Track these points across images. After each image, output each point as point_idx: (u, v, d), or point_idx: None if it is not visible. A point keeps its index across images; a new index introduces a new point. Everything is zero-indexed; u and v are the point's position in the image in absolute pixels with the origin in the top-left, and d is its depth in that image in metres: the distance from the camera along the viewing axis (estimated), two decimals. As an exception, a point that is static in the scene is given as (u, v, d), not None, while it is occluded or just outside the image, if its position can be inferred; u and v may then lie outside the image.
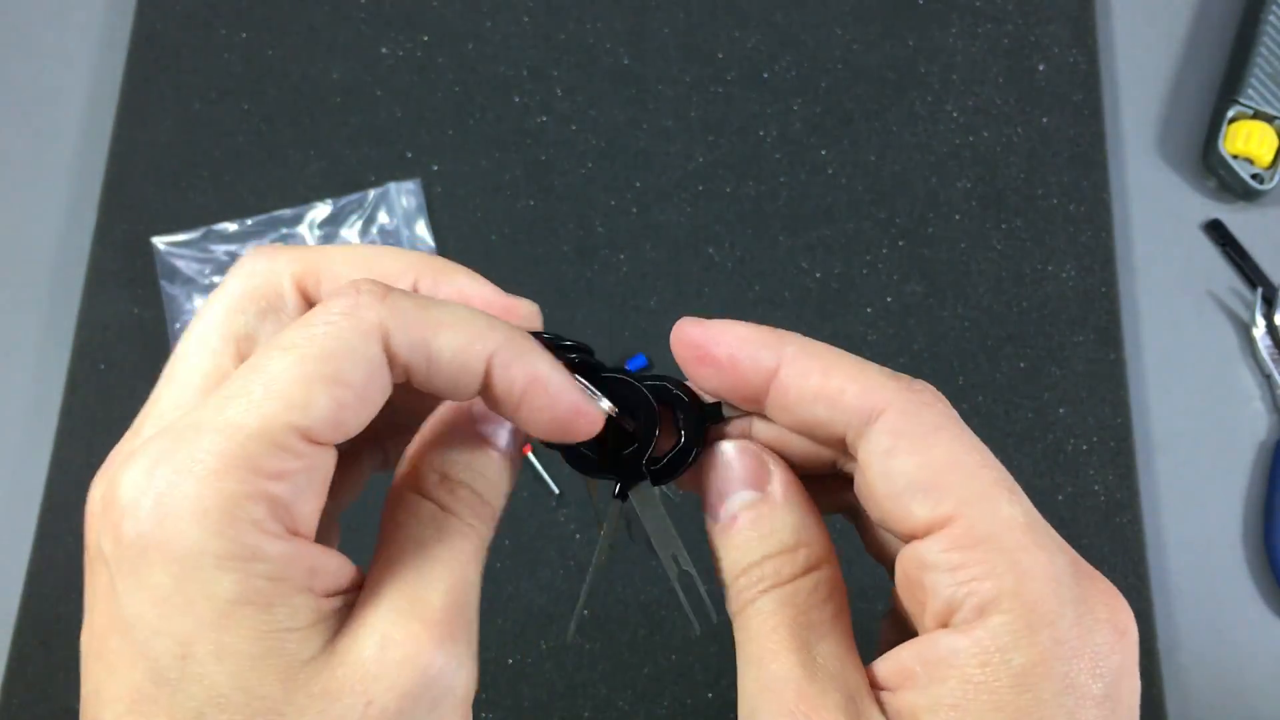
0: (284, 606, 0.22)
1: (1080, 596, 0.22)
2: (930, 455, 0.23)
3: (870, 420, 0.24)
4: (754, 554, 0.25)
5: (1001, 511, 0.23)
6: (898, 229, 0.63)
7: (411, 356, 0.23)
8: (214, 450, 0.22)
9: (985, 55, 0.67)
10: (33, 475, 0.59)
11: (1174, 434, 0.61)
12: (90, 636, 0.23)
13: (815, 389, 0.25)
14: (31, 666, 0.55)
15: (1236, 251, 0.63)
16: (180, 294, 0.61)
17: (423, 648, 0.23)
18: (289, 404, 0.22)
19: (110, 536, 0.22)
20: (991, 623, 0.22)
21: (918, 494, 0.23)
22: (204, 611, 0.22)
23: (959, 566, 0.22)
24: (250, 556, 0.22)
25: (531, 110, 0.65)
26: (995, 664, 0.22)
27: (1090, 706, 0.22)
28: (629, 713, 0.54)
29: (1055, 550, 0.23)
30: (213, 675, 0.22)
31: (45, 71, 0.68)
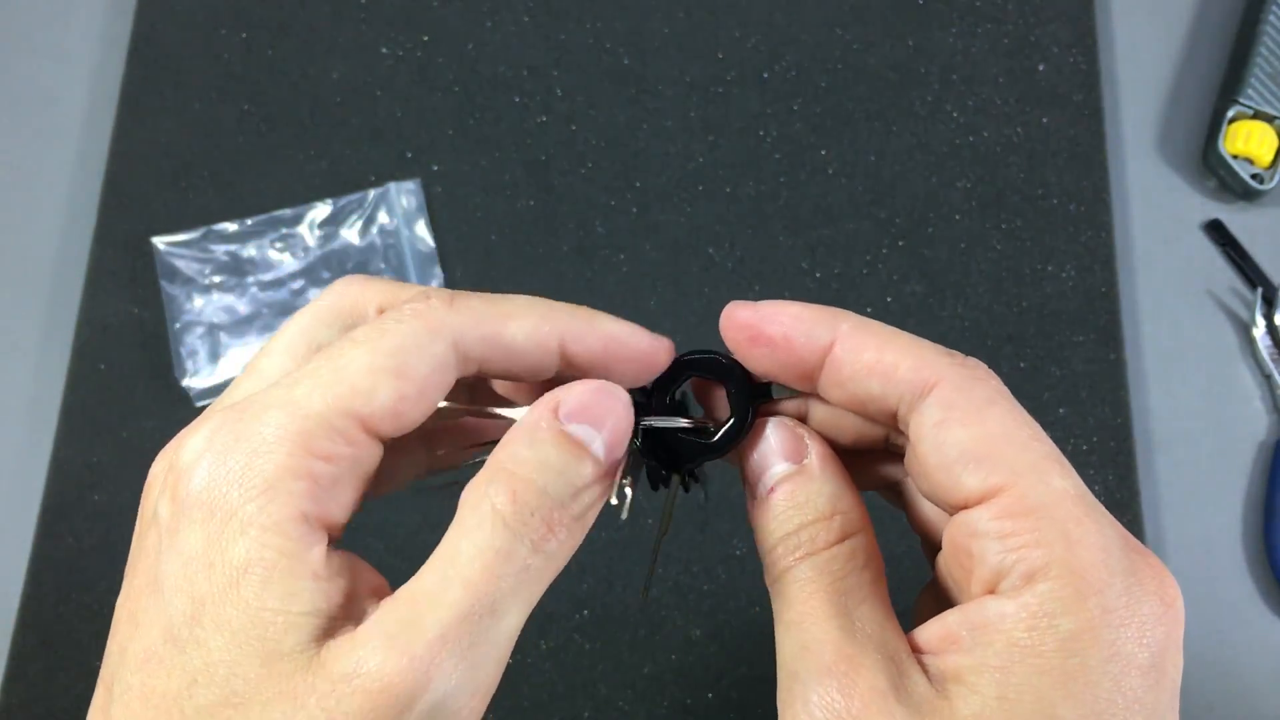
0: (281, 585, 0.22)
1: (1129, 568, 0.23)
2: (983, 427, 0.24)
3: (923, 394, 0.24)
4: (790, 523, 0.26)
5: (1054, 483, 0.23)
6: (898, 229, 0.63)
7: (484, 349, 0.25)
8: (273, 423, 0.23)
9: (985, 55, 0.67)
10: (33, 475, 0.59)
11: (1174, 434, 0.61)
12: (125, 598, 0.24)
13: (870, 364, 0.25)
14: (31, 666, 0.55)
15: (1236, 251, 0.63)
16: (180, 294, 0.61)
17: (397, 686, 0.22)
18: (354, 390, 0.23)
19: (168, 498, 0.23)
20: (1039, 588, 0.22)
21: (969, 464, 0.24)
22: (218, 575, 0.22)
23: (1009, 534, 0.23)
24: (269, 527, 0.22)
25: (531, 110, 0.65)
26: (1042, 628, 0.22)
27: (1135, 674, 0.22)
28: (629, 713, 0.54)
29: (1105, 523, 0.23)
30: (210, 641, 0.22)
31: (45, 71, 0.68)
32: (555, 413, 0.25)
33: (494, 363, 0.25)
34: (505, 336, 0.25)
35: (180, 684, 0.22)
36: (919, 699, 0.23)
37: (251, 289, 0.61)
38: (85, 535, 0.57)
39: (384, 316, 0.25)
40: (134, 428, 0.59)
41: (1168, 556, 0.58)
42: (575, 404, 0.25)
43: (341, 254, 0.62)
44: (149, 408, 0.59)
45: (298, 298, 0.61)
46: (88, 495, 0.58)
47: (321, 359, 0.24)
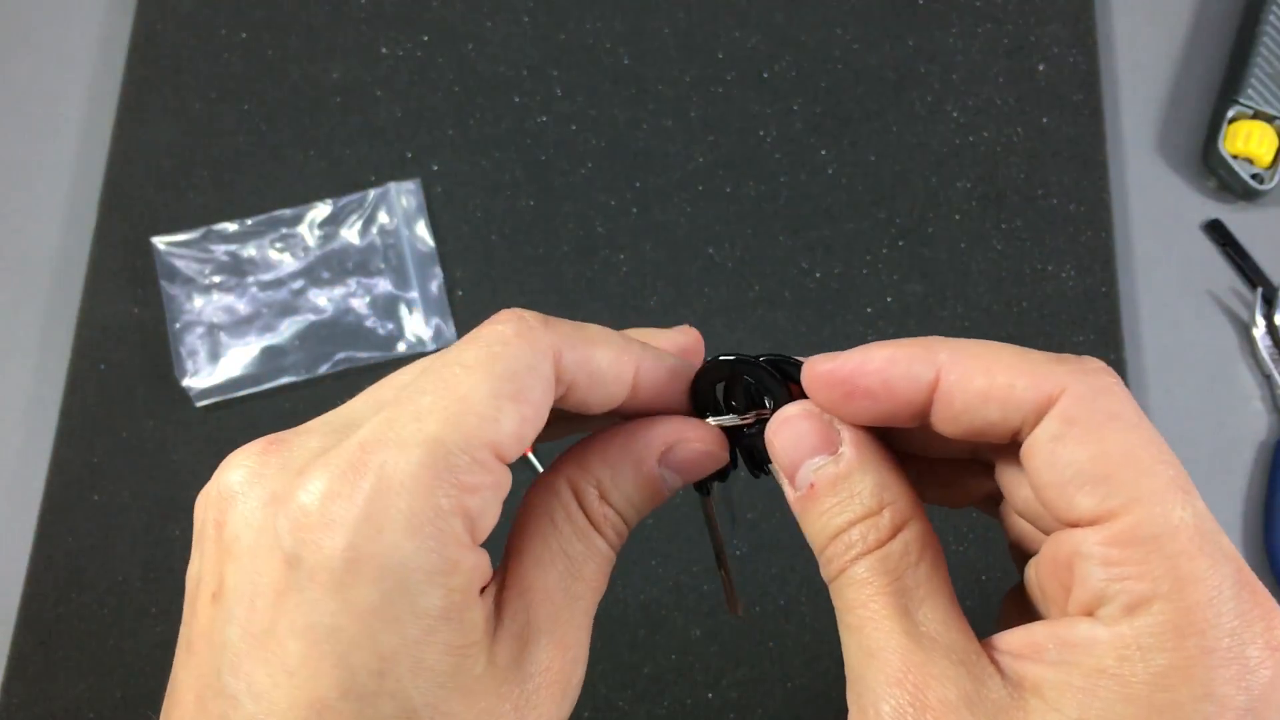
0: (470, 619, 0.23)
1: (1239, 610, 0.22)
2: (1103, 446, 0.22)
3: (1044, 409, 0.23)
4: (838, 521, 0.25)
5: (1173, 514, 0.22)
6: (898, 229, 0.63)
7: (577, 373, 0.25)
8: (421, 463, 0.22)
9: (985, 55, 0.67)
10: (33, 475, 0.59)
11: (1174, 434, 0.61)
12: (249, 635, 0.23)
13: (983, 391, 0.23)
14: (31, 666, 0.55)
15: (1236, 251, 0.63)
16: (180, 294, 0.61)
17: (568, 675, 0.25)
18: (483, 419, 0.23)
19: (309, 542, 0.22)
20: (1139, 622, 0.21)
21: (1086, 485, 0.22)
22: (409, 627, 0.22)
23: (1116, 562, 0.22)
24: (452, 570, 0.22)
25: (531, 110, 0.65)
26: (1134, 660, 0.21)
27: (1230, 714, 0.21)
28: (629, 713, 0.54)
29: (1221, 559, 0.22)
30: (406, 691, 0.22)
31: (45, 71, 0.68)
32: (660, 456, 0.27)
33: (578, 388, 0.25)
34: (593, 362, 0.25)
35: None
36: (993, 707, 0.22)
37: (251, 289, 0.61)
38: (85, 535, 0.57)
39: (485, 336, 0.24)
40: (134, 428, 0.59)
41: (1168, 556, 0.58)
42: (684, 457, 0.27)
43: (341, 254, 0.62)
44: (149, 408, 0.59)
45: (298, 298, 0.61)
46: (88, 495, 0.58)
47: (438, 385, 0.23)
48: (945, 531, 0.58)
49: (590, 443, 0.27)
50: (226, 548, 0.23)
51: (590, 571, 0.26)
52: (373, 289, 0.61)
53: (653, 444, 0.27)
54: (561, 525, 0.26)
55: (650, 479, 0.27)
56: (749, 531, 0.55)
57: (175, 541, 0.57)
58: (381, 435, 0.23)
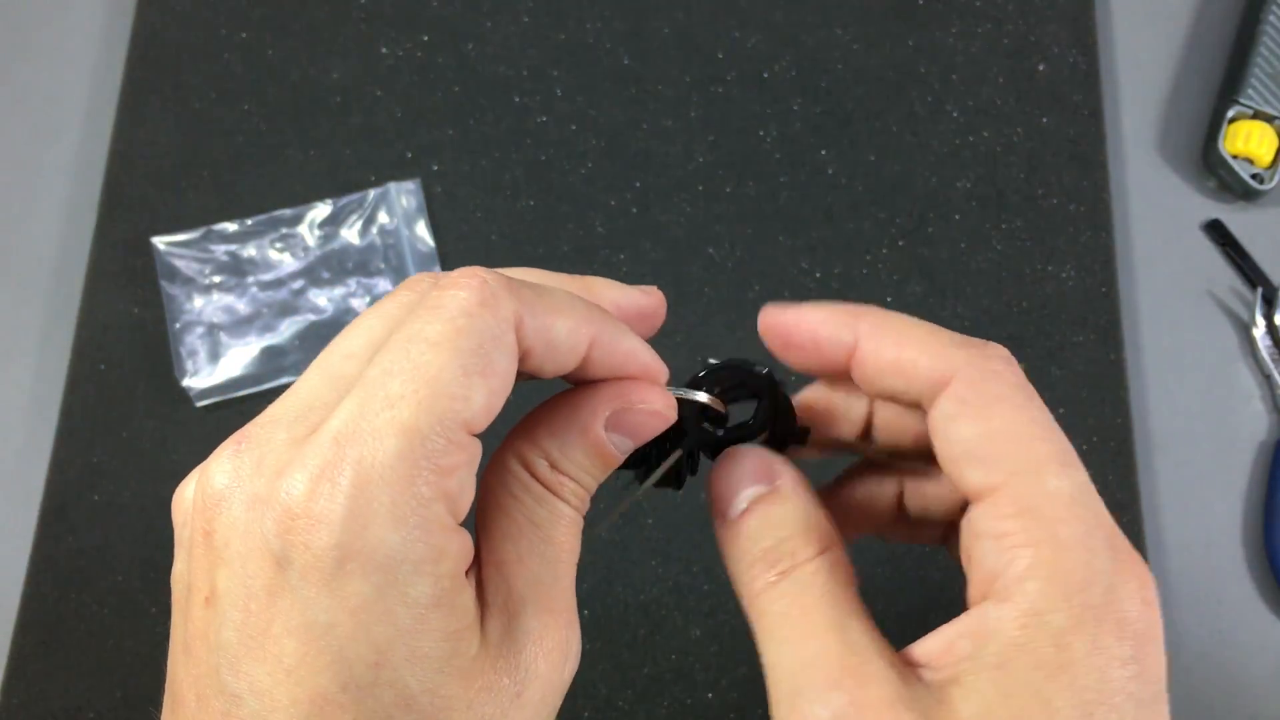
0: (460, 604, 0.23)
1: (1113, 569, 0.23)
2: (989, 425, 0.24)
3: (940, 388, 0.25)
4: (768, 539, 0.26)
5: (1048, 484, 0.24)
6: (898, 229, 0.63)
7: (535, 341, 0.25)
8: (398, 454, 0.22)
9: (985, 55, 0.67)
10: (33, 475, 0.59)
11: (1174, 434, 0.61)
12: (245, 635, 0.23)
13: (890, 361, 0.26)
14: (31, 666, 0.55)
15: (1236, 251, 0.63)
16: (180, 294, 0.61)
17: (562, 641, 0.25)
18: (454, 399, 0.23)
19: (298, 542, 0.22)
20: (1029, 587, 0.23)
21: (973, 461, 0.24)
22: (402, 618, 0.22)
23: (1003, 535, 0.24)
24: (439, 557, 0.23)
25: (531, 110, 0.65)
26: (1034, 625, 0.23)
27: (1117, 665, 0.23)
28: (629, 713, 0.54)
29: (1094, 524, 0.24)
30: (404, 679, 0.22)
31: (45, 71, 0.68)
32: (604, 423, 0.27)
33: (533, 355, 0.25)
34: (552, 330, 0.25)
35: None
36: (924, 705, 0.23)
37: (251, 289, 0.61)
38: (85, 535, 0.57)
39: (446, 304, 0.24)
40: (134, 428, 0.59)
41: (1167, 556, 0.58)
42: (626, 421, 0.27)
43: (341, 254, 0.62)
44: (149, 408, 0.59)
45: (298, 298, 0.61)
46: (88, 495, 0.58)
47: (405, 366, 0.23)
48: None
49: (537, 414, 0.27)
50: (216, 553, 0.23)
51: (560, 534, 0.26)
52: (373, 289, 0.61)
53: (597, 410, 0.27)
54: (521, 496, 0.26)
55: (598, 445, 0.27)
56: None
57: (175, 541, 0.57)
58: (355, 427, 0.22)
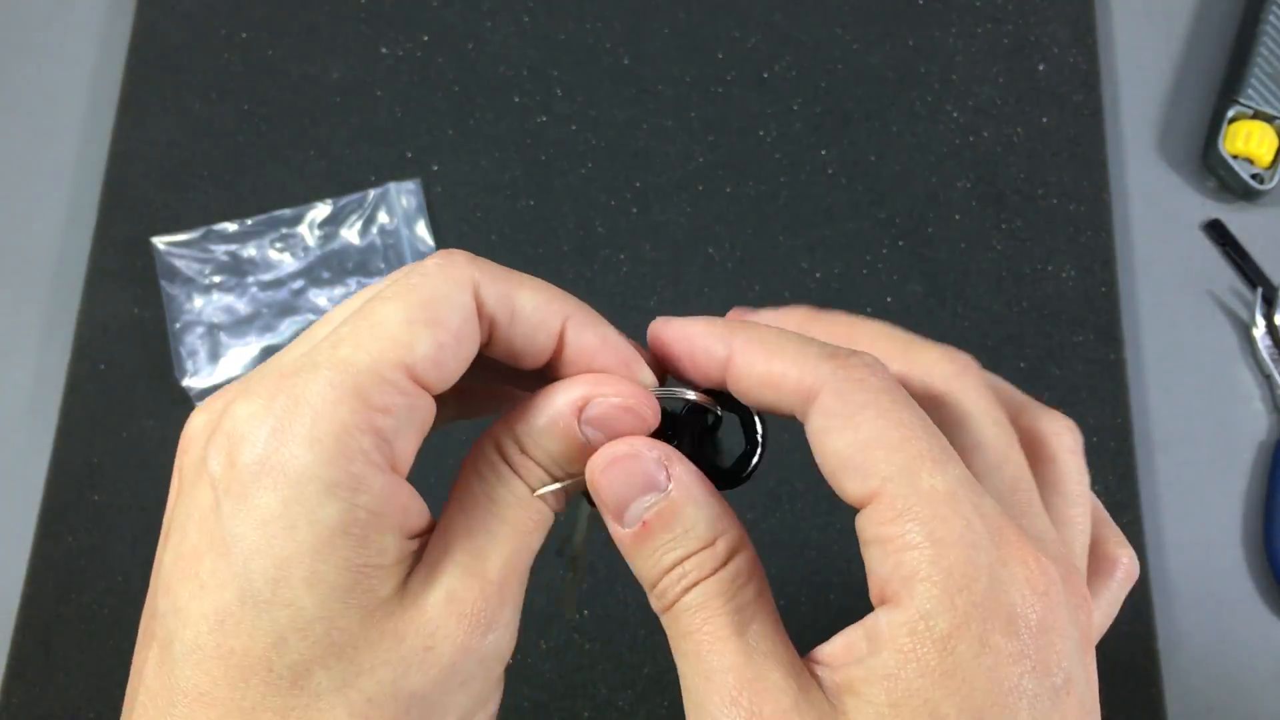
0: (377, 541, 0.23)
1: (998, 559, 0.23)
2: (858, 434, 0.24)
3: (809, 402, 0.25)
4: (673, 555, 0.25)
5: (922, 484, 0.23)
6: (898, 229, 0.63)
7: (498, 308, 0.26)
8: (329, 382, 0.23)
9: (985, 55, 0.67)
10: (33, 475, 0.59)
11: (1174, 434, 0.61)
12: (178, 556, 0.24)
13: (761, 375, 0.26)
14: (31, 666, 0.55)
15: (1236, 251, 0.63)
16: (180, 294, 0.61)
17: (482, 608, 0.25)
18: (396, 343, 0.24)
19: (225, 459, 0.23)
20: (916, 591, 0.23)
21: (849, 471, 0.24)
22: (305, 536, 0.23)
23: (887, 540, 0.23)
24: (355, 486, 0.23)
25: (531, 110, 0.65)
26: (921, 631, 0.22)
27: (1008, 663, 0.22)
28: (629, 713, 0.54)
29: (974, 518, 0.23)
30: (301, 600, 0.23)
31: (45, 71, 0.68)
32: (578, 411, 0.26)
33: (500, 326, 0.26)
34: (518, 299, 0.26)
35: (266, 642, 0.23)
36: (821, 714, 0.23)
37: (251, 289, 0.61)
38: (85, 535, 0.57)
39: (409, 271, 0.25)
40: (134, 428, 0.59)
41: (1167, 556, 0.58)
42: (600, 413, 0.26)
43: (341, 254, 0.62)
44: (149, 408, 0.59)
45: (298, 298, 0.61)
46: (88, 495, 0.58)
47: (356, 318, 0.24)
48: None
49: (516, 404, 0.28)
50: (179, 489, 0.25)
51: (514, 515, 0.26)
52: (373, 289, 0.61)
53: (569, 399, 0.26)
54: (485, 473, 0.27)
55: (568, 434, 0.26)
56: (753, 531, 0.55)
57: (175, 541, 0.57)
58: (300, 363, 0.24)
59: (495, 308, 0.26)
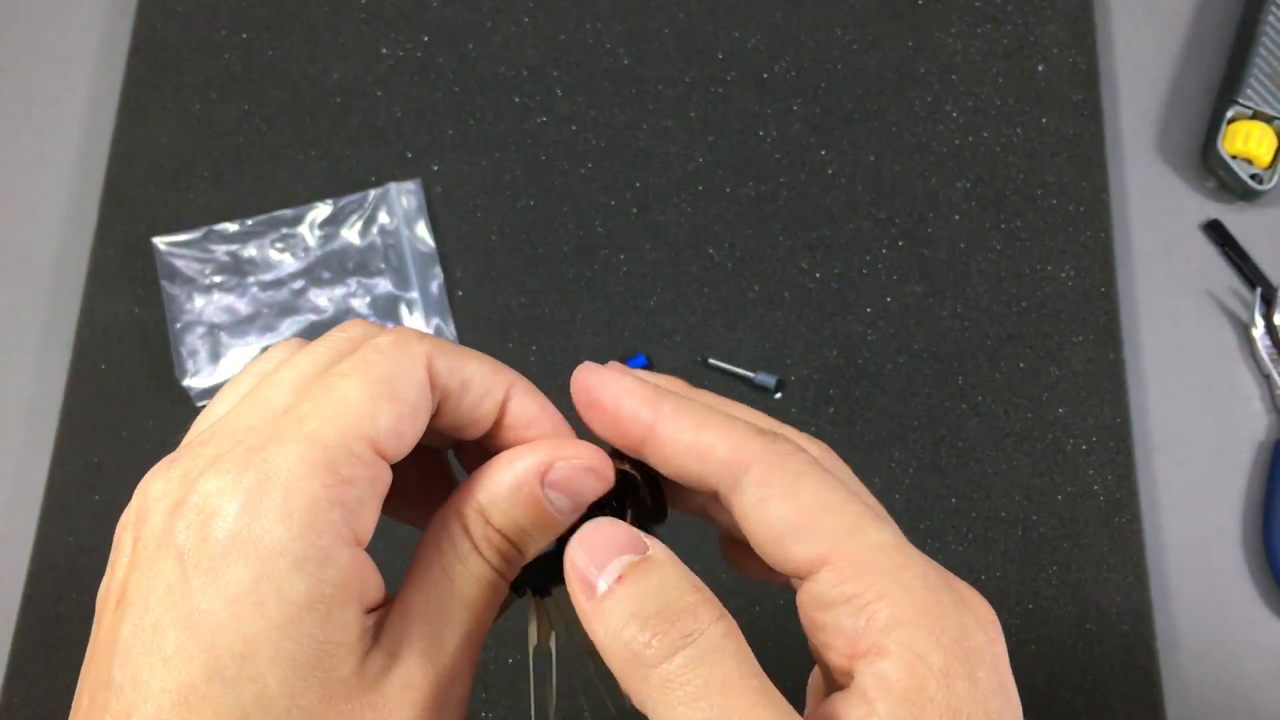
0: (340, 618, 0.24)
1: (958, 600, 0.25)
2: (798, 500, 0.25)
3: (740, 474, 0.26)
4: (655, 602, 0.24)
5: (871, 539, 0.25)
6: (898, 229, 0.63)
7: (449, 380, 0.27)
8: (299, 456, 0.24)
9: (985, 55, 0.67)
10: (33, 475, 0.59)
11: (1173, 434, 0.61)
12: (137, 629, 0.24)
13: (688, 445, 0.26)
14: (31, 666, 0.55)
15: (1236, 251, 0.63)
16: (181, 294, 0.61)
17: (435, 693, 0.25)
18: (359, 417, 0.24)
19: (195, 534, 0.23)
20: (900, 636, 0.23)
21: (794, 535, 0.25)
22: (274, 612, 0.23)
23: (853, 596, 0.24)
24: (323, 560, 0.23)
25: (531, 110, 0.65)
26: (920, 670, 0.23)
27: (993, 696, 0.24)
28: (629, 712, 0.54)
29: (925, 564, 0.25)
30: (266, 677, 0.23)
31: (46, 72, 0.68)
32: (541, 476, 0.27)
33: (450, 397, 0.27)
34: (465, 370, 0.27)
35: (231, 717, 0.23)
36: None
37: (252, 289, 0.61)
38: (85, 535, 0.57)
39: (364, 349, 0.26)
40: (134, 428, 0.59)
41: (1167, 556, 0.58)
42: (563, 475, 0.27)
43: (342, 254, 0.62)
44: (149, 408, 0.59)
45: (298, 298, 0.61)
46: (88, 495, 0.58)
47: (317, 391, 0.25)
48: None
49: (477, 473, 0.28)
50: (135, 559, 0.25)
51: (471, 593, 0.26)
52: (373, 289, 0.61)
53: (532, 462, 0.27)
54: (445, 550, 0.27)
55: (532, 499, 0.27)
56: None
57: (175, 541, 0.57)
58: (267, 439, 0.24)
59: (447, 380, 0.27)
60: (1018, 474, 0.58)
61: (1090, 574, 0.56)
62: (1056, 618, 0.56)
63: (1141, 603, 0.56)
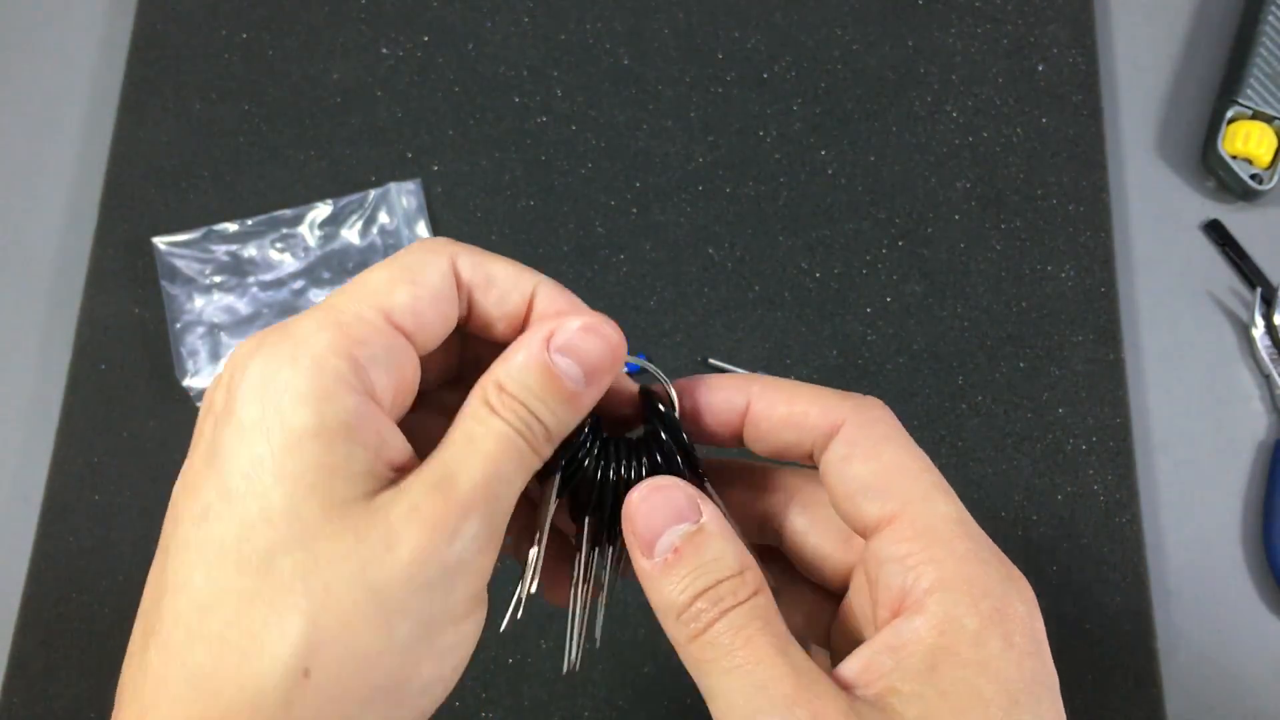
0: (344, 449, 0.25)
1: (1005, 576, 0.27)
2: (880, 462, 0.28)
3: (831, 435, 0.28)
4: (706, 579, 0.27)
5: (939, 509, 0.27)
6: (897, 229, 0.63)
7: (474, 275, 0.29)
8: (314, 319, 0.27)
9: (985, 55, 0.67)
10: (33, 475, 0.59)
11: (1173, 434, 0.61)
12: (182, 482, 0.27)
13: (783, 416, 0.29)
14: (31, 666, 0.55)
15: (1235, 251, 0.63)
16: (181, 294, 0.61)
17: (444, 518, 0.26)
18: (376, 294, 0.27)
19: (223, 391, 0.27)
20: (943, 597, 0.26)
21: (870, 494, 0.27)
22: (277, 438, 0.25)
23: (908, 555, 0.26)
24: (326, 398, 0.25)
25: (531, 110, 0.65)
26: (953, 630, 0.25)
27: (1028, 659, 0.26)
28: (629, 712, 0.54)
29: (982, 542, 0.27)
30: (270, 493, 0.25)
31: (46, 72, 0.68)
32: (547, 342, 0.28)
33: (477, 290, 0.29)
34: (489, 268, 0.29)
35: (236, 530, 0.25)
36: (874, 713, 0.25)
37: (252, 289, 0.61)
38: (85, 535, 0.57)
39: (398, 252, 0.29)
40: (134, 428, 0.59)
41: (1167, 556, 0.58)
42: (565, 339, 0.28)
43: (342, 254, 0.62)
44: (149, 408, 0.59)
45: (298, 298, 0.61)
46: (88, 495, 0.58)
47: (347, 283, 0.28)
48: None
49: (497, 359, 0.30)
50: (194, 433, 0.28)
51: (488, 446, 0.27)
52: (373, 289, 0.61)
53: (538, 334, 0.28)
54: (465, 418, 0.28)
55: (542, 366, 0.28)
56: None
57: (176, 541, 0.57)
58: (299, 317, 0.28)
59: (471, 276, 0.29)
60: (1018, 474, 0.58)
61: (1090, 574, 0.56)
62: (1056, 618, 0.56)
63: (1141, 603, 0.56)
